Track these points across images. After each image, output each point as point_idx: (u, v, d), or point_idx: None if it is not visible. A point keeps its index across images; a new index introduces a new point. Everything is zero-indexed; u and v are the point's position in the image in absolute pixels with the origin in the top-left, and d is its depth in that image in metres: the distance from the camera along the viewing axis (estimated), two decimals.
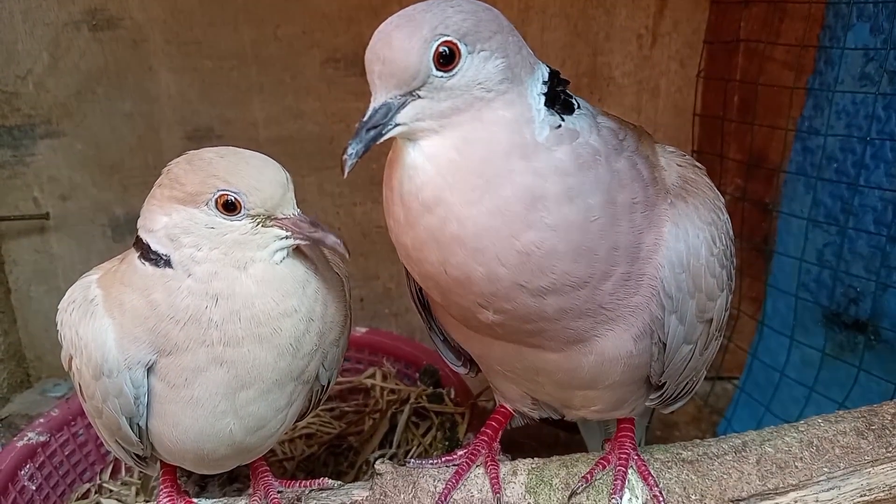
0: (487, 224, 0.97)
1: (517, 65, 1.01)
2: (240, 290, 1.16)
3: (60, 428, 1.93)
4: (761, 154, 2.39)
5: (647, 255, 1.09)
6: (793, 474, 1.30)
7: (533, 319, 1.07)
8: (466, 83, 0.97)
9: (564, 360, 1.17)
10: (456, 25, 0.96)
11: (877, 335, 2.03)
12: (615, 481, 1.31)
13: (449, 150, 0.98)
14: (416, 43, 0.95)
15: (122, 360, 1.19)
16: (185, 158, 1.21)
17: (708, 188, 1.21)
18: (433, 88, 0.97)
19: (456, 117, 0.98)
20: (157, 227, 1.18)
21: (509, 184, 0.97)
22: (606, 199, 1.01)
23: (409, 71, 0.96)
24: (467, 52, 0.97)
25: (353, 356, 2.33)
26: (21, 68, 2.26)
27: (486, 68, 0.98)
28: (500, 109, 0.99)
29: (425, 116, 0.98)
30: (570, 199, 0.98)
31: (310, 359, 1.27)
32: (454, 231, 0.98)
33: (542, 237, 0.98)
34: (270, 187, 1.17)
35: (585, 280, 1.03)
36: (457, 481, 1.35)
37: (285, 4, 2.32)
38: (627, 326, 1.13)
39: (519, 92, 1.01)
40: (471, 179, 0.97)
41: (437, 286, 1.08)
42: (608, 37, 2.53)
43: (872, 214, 2.00)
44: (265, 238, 1.18)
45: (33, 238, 2.44)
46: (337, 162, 0.97)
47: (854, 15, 1.99)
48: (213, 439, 1.27)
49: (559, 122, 1.02)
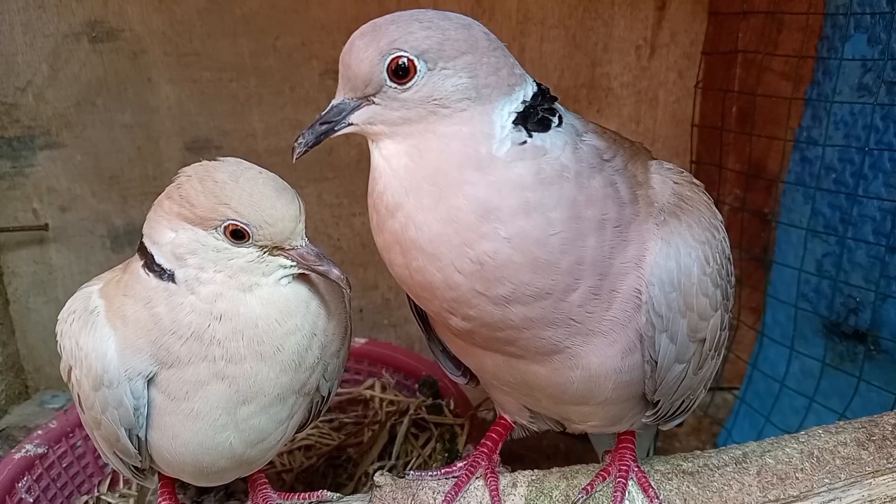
0: (441, 231, 0.99)
1: (487, 85, 1.02)
2: (244, 311, 1.16)
3: (58, 440, 1.92)
4: (760, 164, 2.39)
5: (622, 270, 1.08)
6: (794, 485, 1.30)
7: (501, 328, 1.07)
8: (421, 98, 1.00)
9: (552, 374, 1.17)
10: (416, 42, 0.99)
11: (876, 345, 2.02)
12: (615, 493, 1.31)
13: (402, 156, 1.02)
14: (370, 53, 1.00)
15: (123, 370, 1.18)
16: (197, 176, 1.17)
17: (704, 206, 1.21)
18: (386, 97, 1.01)
19: (407, 127, 1.02)
20: (163, 242, 1.17)
21: (461, 194, 0.98)
22: (570, 214, 1.01)
23: (362, 77, 1.01)
24: (426, 68, 1.00)
25: (353, 367, 2.32)
26: (21, 80, 2.26)
27: (445, 86, 1.00)
28: (456, 125, 1.01)
29: (377, 121, 1.03)
30: (527, 213, 0.99)
31: (311, 372, 1.27)
32: (413, 236, 1.01)
33: (496, 248, 0.99)
34: (281, 223, 1.16)
35: (547, 291, 1.03)
36: (456, 493, 1.34)
37: (284, 16, 2.33)
38: (610, 342, 1.12)
39: (482, 111, 1.01)
40: (424, 186, 1.00)
41: (409, 289, 1.10)
42: (606, 48, 2.54)
43: (871, 224, 2.00)
44: (270, 266, 1.18)
45: (32, 249, 2.43)
46: (337, 173, 0.98)
47: (852, 26, 2.00)
48: (213, 452, 1.26)
49: (525, 138, 1.02)
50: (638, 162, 1.18)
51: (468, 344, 1.21)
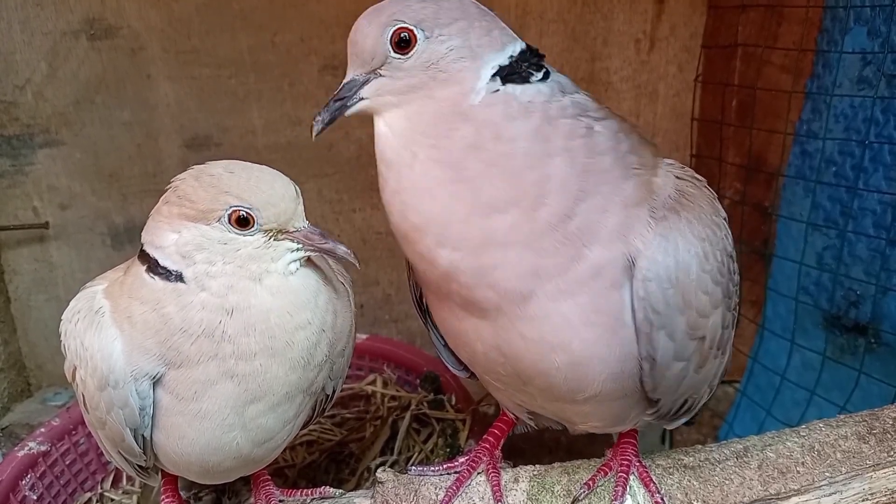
0: (432, 170, 1.08)
1: (480, 45, 1.11)
2: (256, 303, 1.17)
3: (61, 437, 1.93)
4: (760, 158, 2.39)
5: (595, 228, 1.09)
6: (794, 479, 1.30)
7: (485, 246, 1.09)
8: (422, 64, 1.10)
9: (536, 357, 1.16)
10: (413, 13, 1.09)
11: (877, 338, 2.03)
12: (616, 487, 1.31)
13: (402, 120, 1.11)
14: (374, 28, 1.11)
15: (129, 371, 1.18)
16: (191, 175, 1.19)
17: (706, 203, 1.20)
18: (392, 68, 1.11)
19: (412, 94, 1.11)
20: (167, 244, 1.17)
21: (450, 138, 1.08)
22: (535, 134, 1.08)
23: (368, 52, 1.12)
24: (424, 37, 1.09)
25: (354, 363, 2.31)
26: (19, 78, 2.26)
27: (441, 50, 1.09)
28: (450, 87, 1.09)
29: (385, 92, 1.12)
30: (498, 138, 1.07)
31: (319, 370, 1.27)
32: (408, 180, 1.10)
33: (477, 167, 1.07)
34: (283, 202, 1.18)
35: (517, 196, 1.07)
36: (457, 488, 1.35)
37: (282, 11, 2.33)
38: (583, 317, 1.12)
39: (474, 67, 1.10)
40: (419, 139, 1.09)
41: (406, 239, 1.15)
42: (606, 42, 2.53)
43: (872, 217, 2.00)
44: (278, 251, 1.19)
45: (33, 247, 2.43)
46: (337, 168, 0.99)
47: (851, 18, 2.00)
48: (219, 452, 1.26)
49: (498, 87, 1.09)
50: (646, 149, 1.19)
51: (456, 310, 1.21)
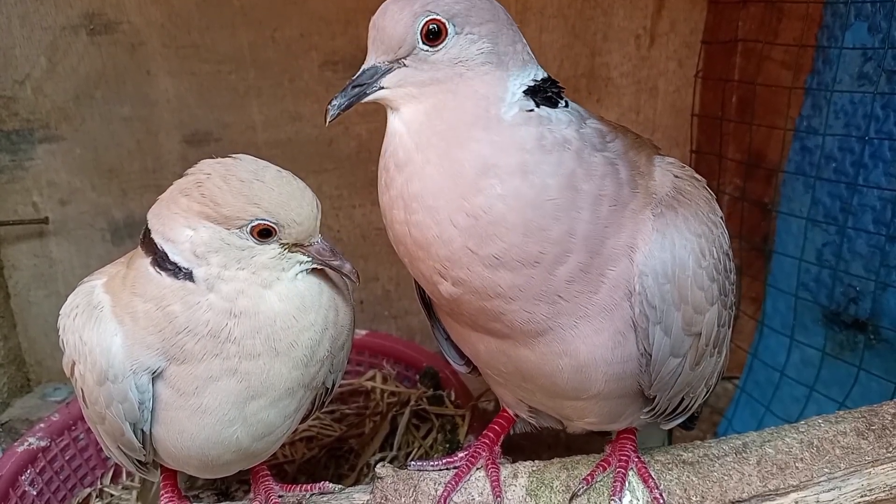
0: (442, 184, 1.03)
1: (506, 53, 1.08)
2: (264, 308, 1.17)
3: (61, 432, 1.93)
4: (760, 154, 2.39)
5: (613, 254, 1.09)
6: (793, 475, 1.30)
7: (489, 295, 1.08)
8: (449, 59, 1.05)
9: (541, 360, 1.17)
10: (447, 6, 1.05)
11: (877, 334, 2.03)
12: (615, 483, 1.31)
13: (421, 115, 1.06)
14: (406, 16, 1.04)
15: (129, 365, 1.18)
16: (218, 174, 1.16)
17: (703, 201, 1.21)
18: (418, 59, 1.06)
19: (434, 87, 1.06)
20: (181, 240, 1.16)
21: (466, 150, 1.03)
22: (567, 183, 1.04)
23: (396, 39, 1.06)
24: (454, 31, 1.05)
25: (354, 358, 2.33)
26: (19, 73, 2.25)
27: (470, 49, 1.06)
28: (475, 85, 1.06)
29: (407, 83, 1.07)
30: (523, 174, 1.02)
31: (321, 365, 1.28)
32: (416, 189, 1.05)
33: (490, 203, 1.02)
34: (307, 222, 1.19)
35: (535, 259, 1.04)
36: (456, 483, 1.35)
37: (283, 7, 2.32)
38: (596, 329, 1.12)
39: (500, 76, 1.07)
40: (434, 141, 1.04)
41: (406, 249, 1.11)
42: (606, 37, 2.53)
43: (871, 214, 2.00)
44: (290, 262, 1.20)
45: (33, 243, 2.43)
46: (337, 164, 0.99)
47: (852, 14, 1.99)
48: (219, 446, 1.26)
49: (532, 107, 1.06)
50: (642, 153, 1.19)
51: (460, 324, 1.22)
